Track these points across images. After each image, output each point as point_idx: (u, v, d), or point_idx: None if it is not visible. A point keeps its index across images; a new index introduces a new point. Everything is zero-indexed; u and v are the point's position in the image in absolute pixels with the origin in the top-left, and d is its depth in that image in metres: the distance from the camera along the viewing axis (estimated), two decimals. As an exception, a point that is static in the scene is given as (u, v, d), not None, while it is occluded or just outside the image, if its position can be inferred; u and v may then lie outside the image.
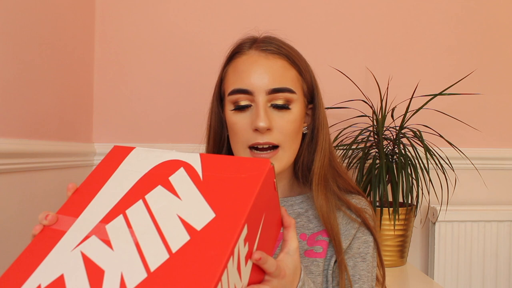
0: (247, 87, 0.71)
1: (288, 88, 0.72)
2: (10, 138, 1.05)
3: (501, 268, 1.51)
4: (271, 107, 0.72)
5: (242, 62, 0.74)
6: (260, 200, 0.49)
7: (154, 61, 1.57)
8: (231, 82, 0.74)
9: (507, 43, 1.64)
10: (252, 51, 0.74)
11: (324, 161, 0.75)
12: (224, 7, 1.57)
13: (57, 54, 1.31)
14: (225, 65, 0.79)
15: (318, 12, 1.60)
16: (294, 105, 0.73)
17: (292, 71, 0.74)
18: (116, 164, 0.56)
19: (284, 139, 0.72)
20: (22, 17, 1.11)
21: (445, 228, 1.50)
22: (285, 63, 0.74)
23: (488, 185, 1.61)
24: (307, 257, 0.73)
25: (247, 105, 0.72)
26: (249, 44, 0.76)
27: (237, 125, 0.73)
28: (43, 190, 1.23)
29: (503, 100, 1.64)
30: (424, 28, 1.62)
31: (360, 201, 0.80)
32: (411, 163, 1.36)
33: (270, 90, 0.71)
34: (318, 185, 0.74)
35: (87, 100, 1.53)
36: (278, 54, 0.73)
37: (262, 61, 0.72)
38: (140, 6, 1.56)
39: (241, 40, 0.79)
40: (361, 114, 1.49)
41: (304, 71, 0.77)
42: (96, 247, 0.46)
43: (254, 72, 0.71)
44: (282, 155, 0.72)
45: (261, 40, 0.76)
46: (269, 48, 0.73)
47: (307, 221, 0.77)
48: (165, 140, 1.56)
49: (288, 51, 0.75)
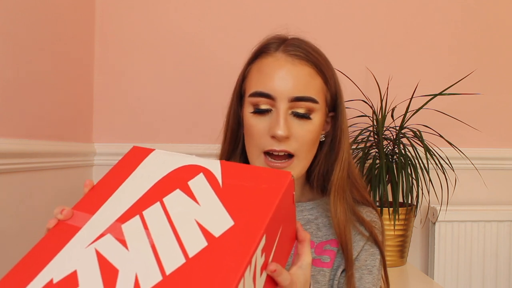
0: (270, 92, 0.69)
1: (312, 97, 0.70)
2: (10, 138, 1.05)
3: (501, 268, 1.51)
4: (292, 114, 0.70)
5: (267, 64, 0.71)
6: (279, 212, 0.49)
7: (154, 61, 1.57)
8: (253, 83, 0.72)
9: (507, 43, 1.64)
10: (279, 54, 0.71)
11: (343, 172, 0.73)
12: (224, 7, 1.57)
13: (57, 54, 1.30)
14: (249, 62, 0.76)
15: (318, 12, 1.60)
16: (315, 114, 0.71)
17: (318, 79, 0.72)
18: (134, 164, 0.55)
19: (300, 149, 0.70)
20: (22, 17, 1.11)
21: (445, 228, 1.50)
22: (311, 71, 0.71)
23: (488, 185, 1.61)
24: (314, 266, 0.72)
25: (268, 109, 0.70)
26: (276, 45, 0.73)
27: (255, 128, 0.71)
28: (43, 190, 1.23)
29: (503, 100, 1.64)
30: (424, 28, 1.62)
31: (370, 214, 0.79)
32: (411, 163, 1.36)
33: (293, 97, 0.68)
34: (335, 196, 0.72)
35: (87, 100, 1.53)
36: (306, 61, 0.71)
37: (288, 66, 0.70)
38: (140, 6, 1.56)
39: (269, 39, 0.76)
40: (361, 114, 1.49)
41: (330, 79, 0.74)
42: (111, 245, 0.45)
43: (278, 76, 0.69)
44: (297, 164, 0.70)
45: (290, 43, 0.73)
46: (297, 54, 0.71)
47: (316, 229, 0.76)
48: (165, 140, 1.56)
49: (317, 57, 0.73)
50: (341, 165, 0.73)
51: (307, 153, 0.71)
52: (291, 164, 0.69)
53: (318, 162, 0.76)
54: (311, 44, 0.76)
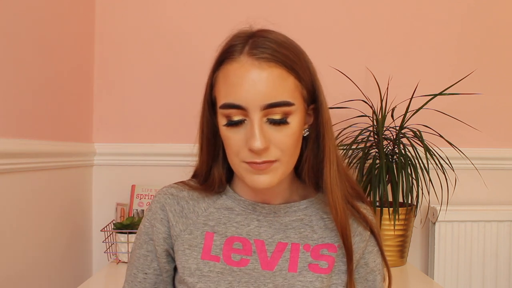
0: (240, 103, 0.64)
1: (286, 101, 0.64)
2: (10, 138, 1.05)
3: (501, 268, 1.51)
4: (267, 122, 0.65)
5: (233, 72, 0.65)
6: None
7: (154, 61, 1.57)
8: (222, 93, 0.67)
9: (508, 43, 1.64)
10: (244, 58, 0.65)
11: (333, 166, 0.71)
12: (224, 7, 1.57)
13: (57, 54, 1.31)
14: (214, 69, 0.71)
15: (318, 12, 1.60)
16: (293, 117, 0.66)
17: (290, 79, 0.66)
18: None
19: (282, 154, 0.66)
20: (22, 17, 1.11)
21: (445, 228, 1.50)
22: (281, 72, 0.65)
23: (488, 185, 1.61)
24: (313, 272, 0.71)
25: (241, 120, 0.65)
26: (240, 47, 0.66)
27: (231, 140, 0.67)
28: (43, 190, 1.23)
29: (503, 100, 1.64)
30: (424, 28, 1.62)
31: (364, 210, 0.78)
32: (411, 163, 1.36)
33: (266, 105, 0.63)
34: (332, 193, 0.70)
35: (87, 100, 1.53)
36: (274, 62, 0.65)
37: (255, 71, 0.64)
38: (140, 6, 1.56)
39: (232, 39, 0.69)
40: (361, 114, 1.49)
41: (303, 74, 0.68)
42: None
43: (247, 85, 0.63)
44: (279, 166, 0.67)
45: (254, 43, 0.66)
46: (264, 56, 0.64)
47: (311, 232, 0.74)
48: (165, 140, 1.56)
49: (285, 54, 0.66)
50: (330, 160, 0.71)
51: (290, 157, 0.68)
52: (272, 165, 0.66)
53: (306, 158, 0.74)
54: (277, 37, 0.68)
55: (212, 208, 0.76)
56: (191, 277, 0.70)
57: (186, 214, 0.75)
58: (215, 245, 0.72)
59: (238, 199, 0.76)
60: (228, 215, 0.75)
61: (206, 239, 0.73)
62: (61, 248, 1.33)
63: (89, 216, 1.55)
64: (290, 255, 0.72)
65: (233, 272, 0.70)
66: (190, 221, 0.74)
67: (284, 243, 0.73)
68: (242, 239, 0.73)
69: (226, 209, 0.75)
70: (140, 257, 0.77)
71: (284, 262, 0.71)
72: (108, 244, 1.38)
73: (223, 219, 0.74)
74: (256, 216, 0.74)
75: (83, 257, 1.51)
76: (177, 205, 0.75)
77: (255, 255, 0.72)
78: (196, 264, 0.71)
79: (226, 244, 0.72)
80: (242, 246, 0.72)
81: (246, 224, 0.74)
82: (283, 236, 0.73)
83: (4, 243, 1.04)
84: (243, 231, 0.73)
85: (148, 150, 1.56)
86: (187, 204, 0.76)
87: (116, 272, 1.30)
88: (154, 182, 1.51)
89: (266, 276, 0.70)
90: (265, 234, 0.73)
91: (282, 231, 0.73)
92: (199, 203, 0.76)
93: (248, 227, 0.73)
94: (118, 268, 1.32)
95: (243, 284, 0.69)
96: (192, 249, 0.72)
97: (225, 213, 0.75)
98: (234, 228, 0.73)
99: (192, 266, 0.71)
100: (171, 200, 0.76)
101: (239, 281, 0.69)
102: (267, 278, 0.70)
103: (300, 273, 0.71)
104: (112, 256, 1.40)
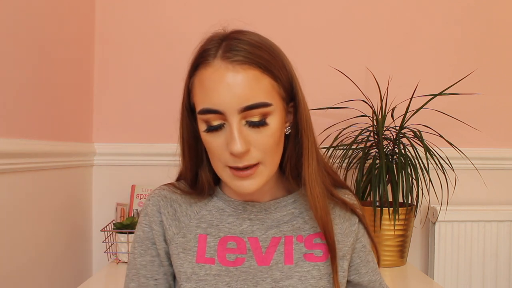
0: (217, 107, 0.64)
1: (263, 102, 0.64)
2: (10, 138, 1.05)
3: (501, 268, 1.51)
4: (246, 125, 0.65)
5: (208, 77, 0.65)
6: None
7: (154, 61, 1.57)
8: (199, 99, 0.67)
9: (508, 43, 1.64)
10: (218, 62, 0.65)
11: (312, 163, 0.71)
12: (224, 8, 1.57)
13: (57, 54, 1.31)
14: (190, 75, 0.71)
15: (318, 12, 1.60)
16: (272, 117, 0.66)
17: (266, 80, 0.65)
18: None
19: (264, 156, 0.66)
20: (22, 17, 1.11)
21: (445, 228, 1.50)
22: (256, 73, 0.64)
23: (488, 185, 1.61)
24: (309, 262, 0.72)
25: (220, 124, 0.65)
26: (214, 51, 0.67)
27: (212, 145, 0.67)
28: (43, 190, 1.23)
29: (503, 100, 1.64)
30: (424, 28, 1.62)
31: (349, 196, 0.81)
32: (411, 163, 1.36)
33: (243, 108, 0.63)
34: (312, 190, 0.70)
35: (87, 100, 1.53)
36: (248, 64, 0.64)
37: (230, 75, 0.64)
38: (140, 6, 1.56)
39: (205, 43, 0.70)
40: (361, 114, 1.49)
41: (280, 73, 0.68)
42: None
43: (222, 89, 0.63)
44: (263, 169, 0.67)
45: (228, 46, 0.66)
46: (237, 59, 0.64)
47: (303, 223, 0.75)
48: (165, 140, 1.56)
49: (259, 55, 0.66)
50: (308, 157, 0.71)
51: (272, 157, 0.68)
52: (257, 169, 0.66)
53: (288, 156, 0.74)
54: (251, 38, 0.68)
55: (204, 211, 0.76)
56: (188, 282, 0.70)
57: (178, 217, 0.75)
58: (209, 246, 0.72)
59: (228, 200, 0.76)
60: (220, 216, 0.75)
61: (199, 241, 0.73)
62: (61, 248, 1.33)
63: (89, 216, 1.55)
64: (285, 248, 0.73)
65: (230, 272, 0.70)
66: (182, 224, 0.74)
67: (277, 237, 0.73)
68: (235, 238, 0.73)
69: (217, 211, 0.76)
70: (147, 264, 0.75)
71: (279, 256, 0.72)
72: (108, 244, 1.38)
73: (215, 220, 0.75)
74: (248, 216, 0.75)
75: (83, 257, 1.51)
76: (170, 208, 0.75)
77: (250, 252, 0.72)
78: (192, 268, 0.71)
79: (220, 244, 0.72)
80: (236, 245, 0.72)
81: (239, 224, 0.74)
82: (276, 231, 0.74)
83: (4, 243, 1.04)
84: (236, 231, 0.74)
85: (148, 150, 1.56)
86: (180, 207, 0.76)
87: (116, 272, 1.30)
88: (154, 182, 1.51)
89: (263, 272, 0.70)
90: (258, 232, 0.74)
91: (275, 227, 0.74)
92: (191, 206, 0.76)
93: (241, 227, 0.74)
94: (118, 268, 1.32)
95: (241, 282, 0.69)
96: (187, 252, 0.72)
97: (216, 214, 0.75)
98: (227, 228, 0.74)
99: (188, 270, 0.71)
100: (164, 202, 0.76)
101: (237, 280, 0.70)
102: (264, 273, 0.70)
103: (296, 264, 0.71)
104: (112, 256, 1.40)
